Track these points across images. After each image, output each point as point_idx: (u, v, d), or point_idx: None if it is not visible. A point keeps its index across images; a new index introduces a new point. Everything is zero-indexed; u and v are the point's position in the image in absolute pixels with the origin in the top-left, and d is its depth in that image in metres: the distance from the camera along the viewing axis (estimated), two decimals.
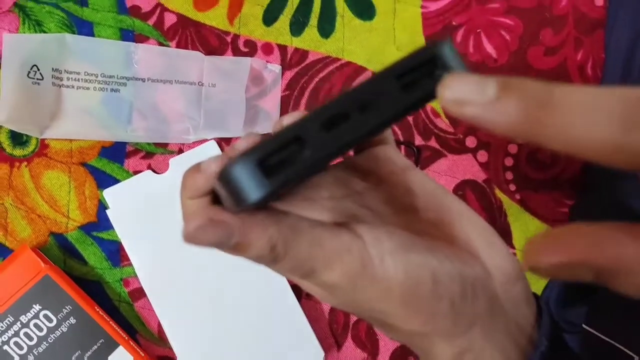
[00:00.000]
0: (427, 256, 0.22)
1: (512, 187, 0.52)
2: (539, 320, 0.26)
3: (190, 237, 0.19)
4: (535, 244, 0.15)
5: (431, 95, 0.17)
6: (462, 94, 0.15)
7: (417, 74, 0.17)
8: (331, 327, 0.49)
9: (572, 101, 0.14)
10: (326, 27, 0.52)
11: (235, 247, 0.20)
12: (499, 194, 0.52)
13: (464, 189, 0.52)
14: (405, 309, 0.22)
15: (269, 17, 0.52)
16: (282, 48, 0.52)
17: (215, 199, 0.22)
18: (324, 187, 0.24)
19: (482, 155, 0.52)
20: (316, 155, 0.16)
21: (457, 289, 0.22)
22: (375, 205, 0.25)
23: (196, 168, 0.21)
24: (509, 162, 0.52)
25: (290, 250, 0.21)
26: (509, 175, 0.52)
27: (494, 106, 0.14)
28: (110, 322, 0.45)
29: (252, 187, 0.17)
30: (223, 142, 0.50)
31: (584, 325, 0.44)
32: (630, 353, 0.39)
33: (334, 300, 0.23)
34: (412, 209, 0.25)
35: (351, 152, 0.27)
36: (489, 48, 0.53)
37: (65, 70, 0.48)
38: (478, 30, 0.53)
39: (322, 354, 0.48)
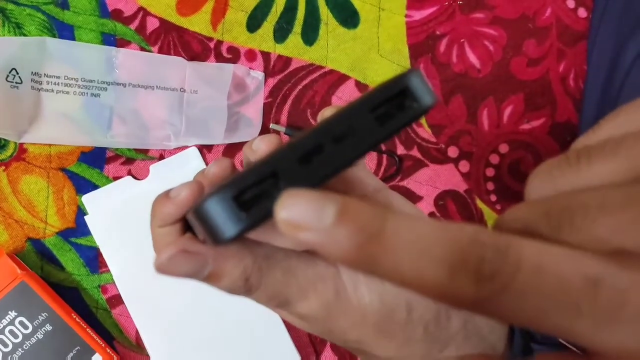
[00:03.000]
0: None
1: (493, 198, 0.52)
2: (511, 339, 0.26)
3: (163, 268, 0.19)
4: None
5: (403, 127, 0.18)
6: (298, 216, 0.13)
7: (389, 106, 0.17)
8: (310, 335, 0.49)
9: (403, 239, 0.13)
10: (310, 35, 0.52)
11: (208, 278, 0.20)
12: (480, 204, 0.52)
13: (445, 199, 0.52)
14: (380, 336, 0.22)
15: (253, 24, 0.51)
16: (266, 55, 0.51)
17: (186, 226, 0.22)
18: None
19: (464, 165, 0.52)
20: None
21: (431, 314, 0.23)
22: None
23: (165, 195, 0.21)
24: (490, 172, 0.52)
25: (264, 280, 0.20)
26: (490, 186, 0.52)
27: (329, 235, 0.13)
28: (87, 329, 0.45)
29: (228, 223, 0.16)
30: (204, 149, 0.50)
31: (560, 339, 0.45)
32: None
33: (310, 329, 0.23)
34: None
35: None
36: (473, 58, 0.53)
37: (45, 74, 0.47)
38: (462, 40, 0.53)
39: None
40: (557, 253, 0.12)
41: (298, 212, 0.13)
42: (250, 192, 0.16)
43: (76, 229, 0.48)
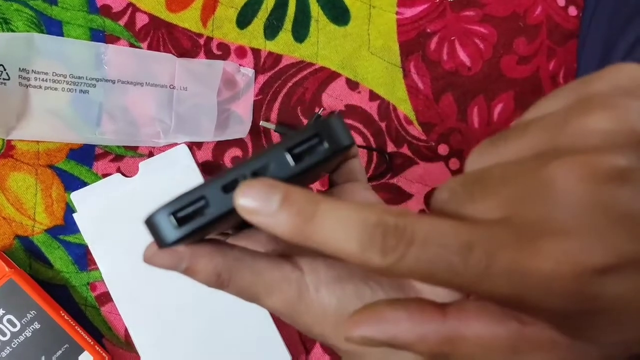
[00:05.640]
0: (361, 286, 0.24)
1: None
2: None
3: (148, 260, 0.23)
4: (352, 317, 0.18)
5: (316, 164, 0.21)
6: (252, 204, 0.17)
7: (303, 147, 0.21)
8: (300, 334, 0.50)
9: (328, 221, 0.16)
10: (300, 32, 0.52)
11: (185, 272, 0.23)
12: None
13: None
14: (340, 332, 0.24)
15: (243, 20, 0.51)
16: (256, 52, 0.51)
17: None
18: None
19: (454, 163, 0.52)
20: (217, 211, 0.21)
21: None
22: None
23: None
24: None
25: (234, 277, 0.23)
26: None
27: (274, 218, 0.17)
28: (76, 327, 0.45)
29: (166, 233, 0.21)
30: (194, 146, 0.50)
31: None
32: None
33: (283, 319, 0.25)
34: None
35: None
36: (463, 56, 0.53)
37: (32, 71, 0.47)
38: (452, 38, 0.53)
39: (289, 359, 0.48)
40: (443, 226, 0.15)
41: (252, 200, 0.17)
42: (184, 211, 0.21)
43: (65, 227, 0.47)
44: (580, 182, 0.14)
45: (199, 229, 0.21)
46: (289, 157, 0.21)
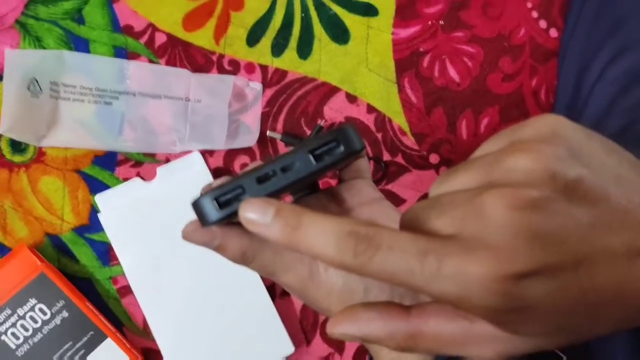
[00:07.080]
0: None
1: None
2: None
3: (186, 236, 0.28)
4: (333, 317, 0.22)
5: (334, 164, 0.26)
6: (252, 216, 0.21)
7: (325, 149, 0.26)
8: (301, 324, 0.54)
9: (310, 230, 0.20)
10: (304, 50, 0.57)
11: (217, 248, 0.28)
12: None
13: None
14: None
15: (252, 39, 0.56)
16: (264, 68, 0.56)
17: None
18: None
19: (444, 171, 0.57)
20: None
21: (385, 296, 0.29)
22: None
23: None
24: None
25: (257, 256, 0.28)
26: None
27: (269, 227, 0.21)
28: (100, 316, 0.50)
29: (209, 213, 0.26)
30: (207, 154, 0.55)
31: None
32: (560, 353, 0.45)
33: (294, 294, 0.30)
34: None
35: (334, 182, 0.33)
36: (453, 73, 0.58)
37: (62, 84, 0.52)
38: (443, 57, 0.58)
39: (292, 348, 0.53)
40: (404, 237, 0.19)
41: (252, 213, 0.21)
42: (225, 197, 0.26)
43: (90, 226, 0.52)
44: (504, 209, 0.18)
45: (237, 212, 0.24)
46: (311, 157, 0.26)
